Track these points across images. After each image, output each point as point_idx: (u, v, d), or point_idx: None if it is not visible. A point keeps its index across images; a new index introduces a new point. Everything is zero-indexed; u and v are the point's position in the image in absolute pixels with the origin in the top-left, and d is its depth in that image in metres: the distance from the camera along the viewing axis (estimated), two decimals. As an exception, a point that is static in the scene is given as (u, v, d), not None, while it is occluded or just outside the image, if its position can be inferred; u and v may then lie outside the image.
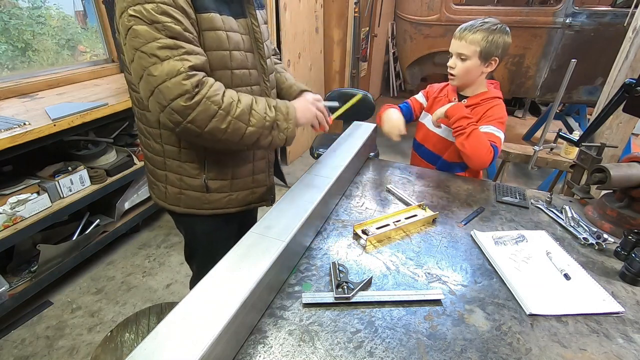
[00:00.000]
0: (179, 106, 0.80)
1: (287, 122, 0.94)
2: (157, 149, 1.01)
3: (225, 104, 0.84)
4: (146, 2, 0.76)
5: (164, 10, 0.77)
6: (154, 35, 0.77)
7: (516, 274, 0.85)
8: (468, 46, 1.21)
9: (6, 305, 1.64)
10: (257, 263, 0.71)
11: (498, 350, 0.67)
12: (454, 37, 1.26)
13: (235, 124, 0.86)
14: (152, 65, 0.78)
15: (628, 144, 2.26)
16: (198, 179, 1.02)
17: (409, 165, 1.43)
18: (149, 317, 1.10)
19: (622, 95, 1.15)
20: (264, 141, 0.92)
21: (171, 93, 0.79)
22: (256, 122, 0.89)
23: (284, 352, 0.65)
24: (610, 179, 0.98)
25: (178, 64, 0.78)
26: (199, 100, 0.81)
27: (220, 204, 1.08)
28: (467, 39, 1.21)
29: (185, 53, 0.80)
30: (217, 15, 0.87)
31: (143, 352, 0.54)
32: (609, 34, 3.21)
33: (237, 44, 0.93)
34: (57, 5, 2.22)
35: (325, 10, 3.51)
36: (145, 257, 2.25)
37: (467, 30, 1.22)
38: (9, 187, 1.63)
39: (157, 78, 0.79)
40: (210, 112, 0.82)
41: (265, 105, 0.91)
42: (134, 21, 0.77)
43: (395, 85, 5.79)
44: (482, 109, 1.31)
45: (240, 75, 0.96)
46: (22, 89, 1.96)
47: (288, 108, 0.95)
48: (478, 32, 1.20)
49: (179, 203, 1.07)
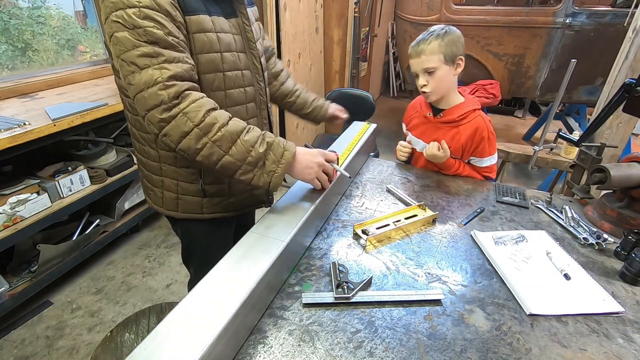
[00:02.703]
0: (154, 118, 0.77)
1: (277, 165, 0.84)
2: (153, 155, 0.98)
3: (204, 123, 0.78)
4: (128, 6, 0.74)
5: (147, 14, 0.74)
6: (133, 42, 0.74)
7: (516, 274, 0.85)
8: (430, 58, 1.18)
9: (6, 305, 1.64)
10: (257, 263, 0.71)
11: (498, 350, 0.67)
12: (410, 57, 1.23)
13: (211, 148, 0.79)
14: (130, 74, 0.76)
15: (628, 144, 2.26)
16: (195, 183, 1.00)
17: (409, 165, 1.43)
18: (149, 317, 1.10)
19: (622, 95, 1.15)
20: (243, 176, 0.83)
21: (147, 103, 0.76)
22: (237, 152, 0.81)
23: (284, 352, 0.65)
24: (610, 179, 0.98)
25: (156, 73, 0.75)
26: (175, 113, 0.76)
27: (218, 208, 1.06)
28: (426, 51, 1.18)
29: (165, 61, 0.76)
30: (207, 16, 0.85)
31: (143, 352, 0.54)
32: (609, 34, 3.21)
33: (228, 45, 0.90)
34: (57, 5, 2.22)
35: (325, 10, 3.50)
36: (145, 257, 2.25)
37: (420, 44, 1.19)
38: (9, 187, 1.63)
39: (135, 87, 0.76)
40: (185, 129, 0.77)
41: (257, 139, 0.83)
42: (115, 27, 0.75)
43: (395, 85, 5.80)
44: (467, 129, 1.27)
45: (232, 77, 0.93)
46: (22, 89, 1.96)
47: (285, 151, 0.85)
48: (432, 41, 1.17)
49: (177, 208, 1.04)
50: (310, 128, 3.69)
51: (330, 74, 3.82)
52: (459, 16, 3.67)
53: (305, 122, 1.87)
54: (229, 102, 0.95)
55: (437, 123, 1.32)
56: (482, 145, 1.28)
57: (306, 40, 3.26)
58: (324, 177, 0.95)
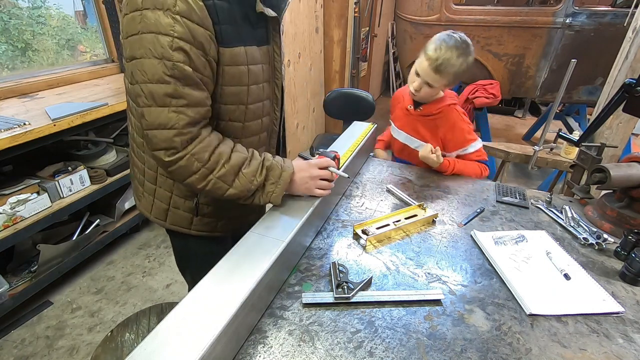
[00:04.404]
0: (160, 158, 0.77)
1: (276, 185, 0.88)
2: (151, 164, 0.94)
3: (210, 162, 0.79)
4: (161, 32, 0.68)
5: (179, 46, 0.70)
6: (159, 76, 0.70)
7: (516, 274, 0.85)
8: (440, 80, 1.19)
9: (6, 305, 1.64)
10: (257, 263, 0.71)
11: (498, 350, 0.67)
12: (429, 62, 1.17)
13: (216, 184, 0.81)
14: (147, 106, 0.73)
15: (628, 144, 2.26)
16: (190, 200, 0.96)
17: (409, 165, 1.43)
18: (149, 317, 1.10)
19: (622, 95, 1.15)
20: (245, 201, 0.88)
21: (157, 144, 0.75)
22: (240, 185, 0.84)
23: (284, 352, 0.65)
24: (610, 179, 0.98)
25: (173, 118, 0.73)
26: (183, 155, 0.76)
27: (208, 228, 1.03)
28: (442, 72, 1.17)
29: (186, 105, 0.74)
30: (242, 48, 0.81)
31: (143, 352, 0.54)
32: (609, 34, 3.21)
33: (256, 77, 0.86)
34: (57, 5, 2.22)
35: (325, 10, 3.51)
36: (145, 257, 2.25)
37: (443, 62, 1.15)
38: (9, 187, 1.63)
39: (148, 124, 0.74)
40: (192, 169, 0.78)
41: (257, 168, 0.85)
42: (143, 52, 0.70)
43: (395, 85, 5.80)
44: (443, 123, 1.33)
45: (254, 109, 0.90)
46: (22, 89, 1.96)
47: (283, 172, 0.88)
48: (449, 67, 1.16)
49: (165, 218, 1.00)
50: (310, 128, 3.69)
51: (330, 74, 3.83)
52: (459, 16, 3.66)
53: (305, 122, 1.87)
54: (246, 133, 0.92)
55: (417, 116, 1.37)
56: (461, 135, 1.34)
57: (306, 40, 3.26)
58: (323, 184, 0.95)
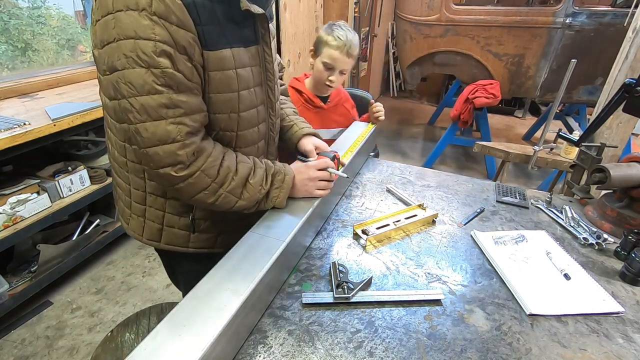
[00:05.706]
0: (168, 175, 0.71)
1: (280, 190, 0.87)
2: (139, 183, 0.87)
3: (220, 176, 0.76)
4: (140, 37, 0.61)
5: (164, 50, 0.63)
6: (150, 86, 0.64)
7: (516, 274, 0.85)
8: (351, 62, 1.32)
9: (6, 305, 1.64)
10: (257, 263, 0.71)
11: (498, 350, 0.67)
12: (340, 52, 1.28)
13: (226, 197, 0.79)
14: (141, 122, 0.66)
15: (628, 144, 2.26)
16: (184, 217, 0.90)
17: (409, 165, 1.43)
18: (149, 317, 1.10)
19: (622, 95, 1.15)
20: (250, 210, 0.86)
21: (162, 161, 0.69)
22: (249, 195, 0.82)
23: (284, 352, 0.65)
24: (610, 179, 0.98)
25: (173, 130, 0.67)
26: (193, 172, 0.72)
27: (207, 244, 0.96)
28: (352, 55, 1.30)
29: (184, 114, 0.68)
30: (228, 50, 0.75)
31: (143, 352, 0.54)
32: (609, 34, 3.21)
33: (246, 81, 0.81)
34: (57, 5, 2.22)
35: (325, 10, 3.50)
36: (145, 257, 2.25)
37: (353, 47, 1.29)
38: (9, 187, 1.63)
39: (145, 140, 0.67)
40: (203, 185, 0.75)
41: (262, 176, 0.84)
42: (125, 63, 0.62)
43: (395, 85, 5.80)
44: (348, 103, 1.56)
45: (247, 118, 0.84)
46: (22, 89, 1.96)
47: (285, 176, 0.88)
48: (355, 46, 1.29)
49: (159, 239, 0.93)
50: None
51: (330, 73, 3.82)
52: (459, 16, 3.67)
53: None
54: (240, 143, 0.87)
55: (330, 108, 1.47)
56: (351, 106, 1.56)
57: (306, 40, 3.26)
58: (323, 185, 0.95)
